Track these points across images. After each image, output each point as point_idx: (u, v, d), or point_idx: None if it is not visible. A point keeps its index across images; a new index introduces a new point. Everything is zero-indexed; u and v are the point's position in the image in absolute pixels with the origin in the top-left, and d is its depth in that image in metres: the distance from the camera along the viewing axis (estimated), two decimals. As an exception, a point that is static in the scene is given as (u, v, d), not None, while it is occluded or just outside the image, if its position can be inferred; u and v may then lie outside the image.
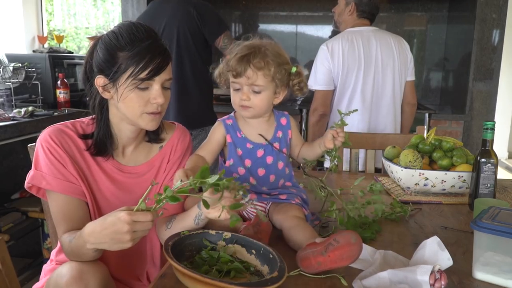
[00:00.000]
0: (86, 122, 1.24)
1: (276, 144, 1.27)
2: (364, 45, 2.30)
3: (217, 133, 1.26)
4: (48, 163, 1.15)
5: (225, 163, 1.28)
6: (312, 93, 2.40)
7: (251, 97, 1.21)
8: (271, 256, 0.99)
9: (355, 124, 2.32)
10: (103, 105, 1.20)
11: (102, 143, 1.21)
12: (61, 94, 2.88)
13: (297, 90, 1.27)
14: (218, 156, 1.29)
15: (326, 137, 1.24)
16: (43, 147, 1.16)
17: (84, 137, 1.21)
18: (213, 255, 1.01)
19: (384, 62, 2.32)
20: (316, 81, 2.34)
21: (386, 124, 2.36)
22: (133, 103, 1.14)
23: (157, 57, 1.12)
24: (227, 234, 1.06)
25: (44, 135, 1.17)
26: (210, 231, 1.06)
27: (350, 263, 0.96)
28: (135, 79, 1.11)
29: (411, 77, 2.43)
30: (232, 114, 1.30)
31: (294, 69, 1.25)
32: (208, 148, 1.25)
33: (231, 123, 1.27)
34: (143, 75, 1.11)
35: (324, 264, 0.95)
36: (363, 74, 2.30)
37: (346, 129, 2.21)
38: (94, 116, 1.23)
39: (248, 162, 1.26)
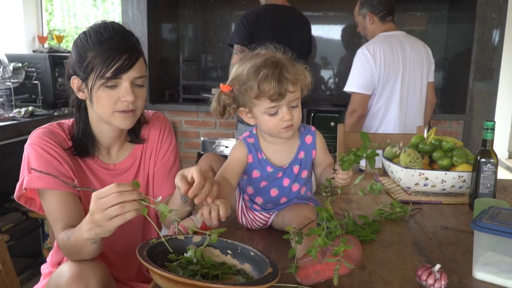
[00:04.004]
0: (71, 123, 1.24)
1: (296, 167, 1.21)
2: (401, 49, 2.43)
3: (240, 153, 1.19)
4: (44, 162, 1.13)
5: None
6: (313, 93, 2.43)
7: (292, 114, 1.12)
8: (252, 253, 0.97)
9: (391, 125, 2.44)
10: (81, 106, 1.20)
11: (82, 143, 1.21)
12: None
13: (307, 90, 1.19)
14: (241, 174, 1.21)
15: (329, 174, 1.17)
16: (35, 149, 1.14)
17: (71, 137, 1.21)
18: (189, 260, 0.96)
19: (416, 65, 2.46)
20: (357, 84, 2.43)
21: (414, 124, 2.45)
22: (103, 102, 1.13)
23: (123, 55, 1.10)
24: (197, 238, 1.03)
25: (34, 138, 1.16)
26: (179, 237, 1.03)
27: (350, 271, 0.90)
28: (102, 78, 1.10)
29: (432, 78, 2.58)
30: (253, 131, 1.23)
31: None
32: (233, 171, 1.18)
33: (253, 142, 1.20)
34: (109, 73, 1.10)
35: (323, 273, 0.90)
36: (401, 77, 2.42)
37: (381, 130, 2.27)
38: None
39: (264, 183, 1.21)
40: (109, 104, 1.13)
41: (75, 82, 1.16)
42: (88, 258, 1.08)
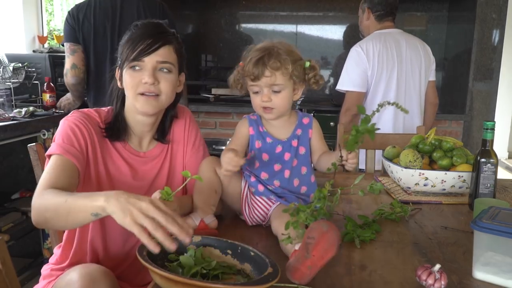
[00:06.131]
0: (107, 110, 1.31)
1: (295, 141, 1.29)
2: (396, 46, 2.40)
3: (242, 127, 1.31)
4: (64, 132, 1.18)
5: (245, 156, 1.30)
6: (313, 93, 2.43)
7: (272, 97, 1.23)
8: (252, 253, 0.98)
9: (388, 124, 2.41)
10: (119, 95, 1.28)
11: (114, 127, 1.26)
12: (51, 98, 2.76)
13: (314, 84, 1.28)
14: (246, 147, 1.32)
15: (336, 156, 1.20)
16: (64, 122, 1.21)
17: (105, 123, 1.27)
18: (188, 261, 0.96)
19: (413, 63, 2.43)
20: (350, 82, 2.41)
21: (413, 124, 2.43)
22: (128, 84, 1.21)
23: (147, 39, 1.18)
24: (197, 238, 1.03)
25: (70, 115, 1.24)
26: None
27: (336, 251, 0.92)
28: (128, 60, 1.19)
29: (433, 77, 2.54)
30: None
31: (307, 64, 1.26)
32: (237, 143, 1.30)
33: (255, 119, 1.32)
34: (133, 55, 1.18)
35: (315, 265, 0.91)
36: (396, 74, 2.39)
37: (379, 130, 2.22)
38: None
39: (265, 156, 1.28)
40: (132, 86, 1.20)
41: (117, 72, 1.26)
42: (69, 227, 1.13)
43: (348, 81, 2.40)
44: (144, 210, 0.86)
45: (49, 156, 1.17)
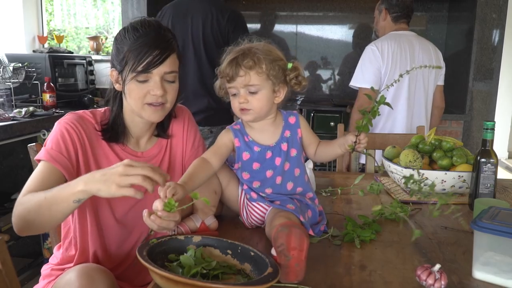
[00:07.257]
0: (103, 111, 1.30)
1: (284, 145, 1.25)
2: (410, 48, 2.45)
3: (224, 137, 1.26)
4: (55, 139, 1.17)
5: (232, 166, 1.28)
6: (313, 93, 2.43)
7: (248, 99, 1.19)
8: (252, 253, 0.98)
9: (399, 122, 2.46)
10: (117, 97, 1.26)
11: (112, 130, 1.25)
12: (51, 98, 2.82)
13: (295, 85, 1.24)
14: (225, 158, 1.27)
15: (347, 140, 1.22)
16: (57, 126, 1.20)
17: (101, 123, 1.26)
18: (188, 261, 0.96)
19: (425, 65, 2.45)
20: (364, 79, 2.45)
21: (421, 124, 2.46)
22: (135, 95, 1.19)
23: (154, 51, 1.15)
24: (197, 238, 1.03)
25: (63, 118, 1.22)
26: (179, 237, 1.03)
27: (306, 237, 0.94)
28: (134, 71, 1.16)
29: (441, 82, 2.61)
30: (239, 120, 1.29)
31: (290, 65, 1.22)
32: (214, 150, 1.23)
33: (239, 128, 1.26)
34: (140, 67, 1.15)
35: (299, 260, 0.93)
36: (408, 75, 2.41)
37: (388, 128, 2.22)
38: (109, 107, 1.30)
39: (256, 165, 1.24)
40: (139, 96, 1.18)
41: (113, 74, 1.23)
42: (54, 222, 1.07)
43: (362, 78, 2.45)
44: (123, 173, 0.94)
45: (39, 160, 1.16)
